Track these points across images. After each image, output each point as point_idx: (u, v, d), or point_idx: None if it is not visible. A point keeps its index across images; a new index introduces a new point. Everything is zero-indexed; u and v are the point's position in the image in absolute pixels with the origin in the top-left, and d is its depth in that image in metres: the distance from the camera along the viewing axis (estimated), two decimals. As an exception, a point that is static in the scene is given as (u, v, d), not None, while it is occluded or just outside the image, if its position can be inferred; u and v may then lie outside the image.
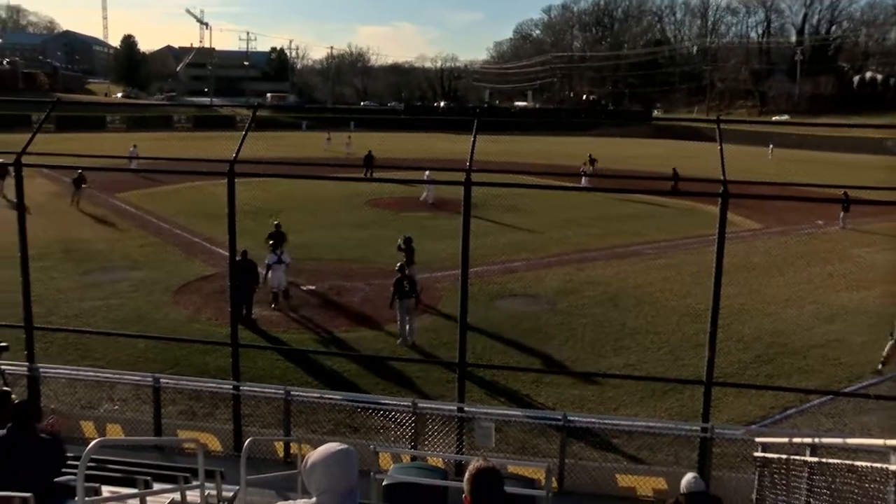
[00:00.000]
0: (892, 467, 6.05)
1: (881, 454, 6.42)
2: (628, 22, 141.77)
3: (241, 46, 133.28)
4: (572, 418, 9.69)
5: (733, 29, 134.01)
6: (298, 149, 53.84)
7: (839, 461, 6.99)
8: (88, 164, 27.15)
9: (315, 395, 10.82)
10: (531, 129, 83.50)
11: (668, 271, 21.61)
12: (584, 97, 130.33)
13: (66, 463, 5.77)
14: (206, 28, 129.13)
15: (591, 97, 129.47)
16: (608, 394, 12.83)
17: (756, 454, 8.89)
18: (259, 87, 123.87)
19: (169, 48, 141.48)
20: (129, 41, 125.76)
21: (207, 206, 27.13)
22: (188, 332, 15.08)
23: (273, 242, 17.40)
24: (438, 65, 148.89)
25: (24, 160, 10.21)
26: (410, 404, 9.85)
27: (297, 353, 14.36)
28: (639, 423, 10.68)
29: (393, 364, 13.74)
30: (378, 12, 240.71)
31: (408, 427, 9.75)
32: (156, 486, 6.37)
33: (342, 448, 2.93)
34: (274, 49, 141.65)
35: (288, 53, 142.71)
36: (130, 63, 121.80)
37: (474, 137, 9.65)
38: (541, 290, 19.33)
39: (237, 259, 12.44)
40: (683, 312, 17.34)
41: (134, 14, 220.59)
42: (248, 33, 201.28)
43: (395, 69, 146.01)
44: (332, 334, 15.67)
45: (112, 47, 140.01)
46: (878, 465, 6.24)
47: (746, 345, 15.42)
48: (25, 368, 10.52)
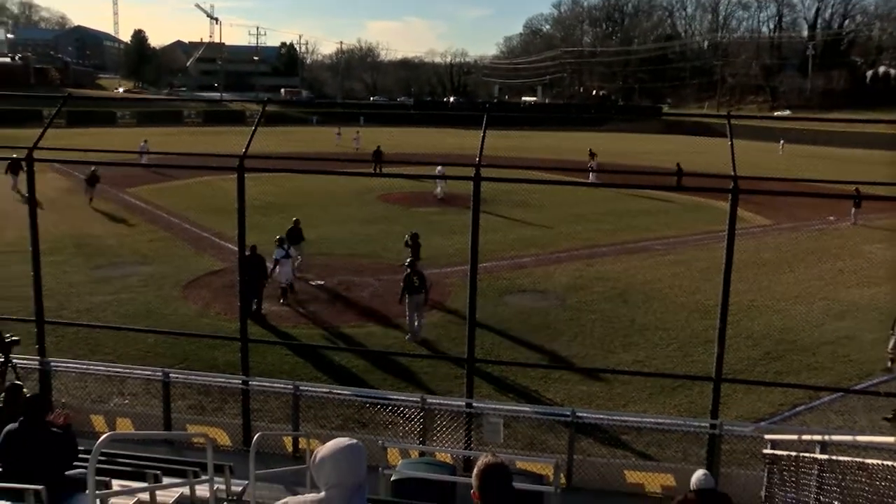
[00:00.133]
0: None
1: (892, 452, 6.39)
2: (638, 17, 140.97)
3: (251, 41, 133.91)
4: (581, 414, 9.68)
5: (744, 24, 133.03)
6: (308, 144, 54.06)
7: (849, 459, 6.95)
8: (100, 158, 27.20)
9: (324, 390, 10.84)
10: (541, 124, 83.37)
11: (678, 267, 21.53)
12: (594, 92, 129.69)
13: (78, 456, 5.81)
14: (216, 23, 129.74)
15: (601, 92, 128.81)
16: (617, 390, 12.82)
17: (765, 451, 8.85)
18: (269, 83, 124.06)
19: (179, 43, 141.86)
20: (139, 36, 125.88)
21: (217, 200, 27.23)
22: (197, 326, 15.16)
23: (278, 238, 17.35)
24: (448, 60, 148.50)
25: (36, 155, 10.27)
26: (419, 400, 9.87)
27: (306, 348, 14.41)
28: (647, 420, 10.67)
29: (401, 360, 13.75)
30: (388, 7, 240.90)
31: (416, 422, 9.77)
32: (165, 480, 6.42)
33: (351, 443, 2.93)
34: (284, 44, 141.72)
35: (298, 48, 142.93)
36: (141, 58, 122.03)
37: (484, 133, 9.63)
38: (550, 286, 19.31)
39: (246, 254, 12.48)
40: (693, 308, 17.28)
41: (145, 9, 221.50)
42: (257, 28, 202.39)
43: (405, 64, 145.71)
44: (340, 329, 15.70)
45: (123, 42, 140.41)
46: (889, 462, 6.21)
47: (756, 341, 15.36)
48: (37, 362, 10.60)
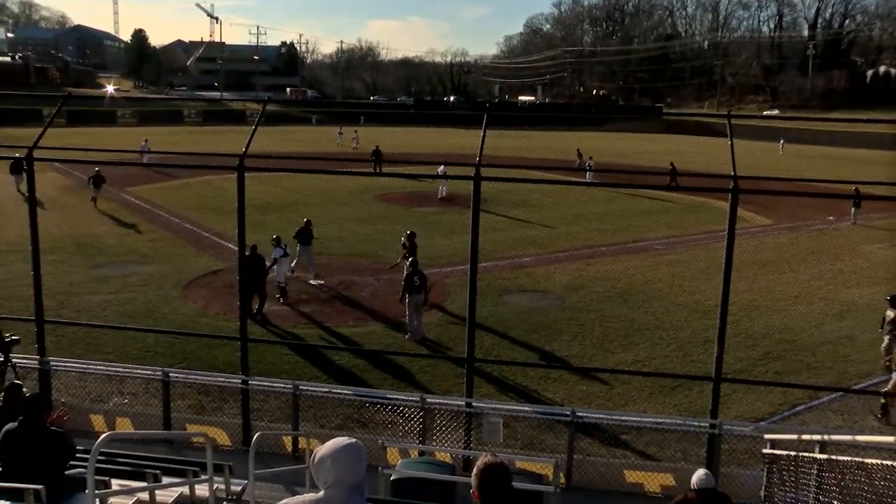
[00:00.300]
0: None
1: (892, 452, 6.39)
2: (639, 16, 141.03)
3: (252, 41, 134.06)
4: (581, 414, 9.67)
5: (745, 23, 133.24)
6: (309, 144, 54.08)
7: (849, 458, 6.96)
8: (100, 158, 27.08)
9: (323, 389, 10.83)
10: (541, 123, 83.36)
11: (678, 267, 21.53)
12: (595, 92, 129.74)
13: (76, 456, 5.81)
14: (217, 22, 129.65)
15: (602, 92, 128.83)
16: (616, 390, 12.82)
17: (765, 451, 8.86)
18: (269, 82, 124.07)
19: (179, 42, 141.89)
20: (139, 35, 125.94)
21: (217, 200, 27.23)
22: (197, 326, 15.16)
23: (275, 237, 17.25)
24: (448, 59, 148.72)
25: (37, 154, 10.25)
26: (419, 399, 9.86)
27: (306, 347, 14.41)
28: (647, 420, 10.67)
29: (401, 359, 13.74)
30: (388, 6, 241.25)
31: (416, 422, 9.77)
32: (165, 479, 6.42)
33: (350, 442, 2.93)
34: (284, 43, 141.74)
35: (298, 48, 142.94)
36: (141, 57, 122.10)
37: (484, 132, 9.62)
38: (550, 286, 19.31)
39: (246, 254, 12.47)
40: (692, 308, 17.28)
41: (145, 9, 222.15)
42: (258, 28, 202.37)
43: (405, 63, 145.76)
44: (340, 329, 15.69)
45: (123, 42, 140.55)
46: (888, 462, 6.21)
47: (755, 341, 15.35)
48: (37, 362, 10.60)
